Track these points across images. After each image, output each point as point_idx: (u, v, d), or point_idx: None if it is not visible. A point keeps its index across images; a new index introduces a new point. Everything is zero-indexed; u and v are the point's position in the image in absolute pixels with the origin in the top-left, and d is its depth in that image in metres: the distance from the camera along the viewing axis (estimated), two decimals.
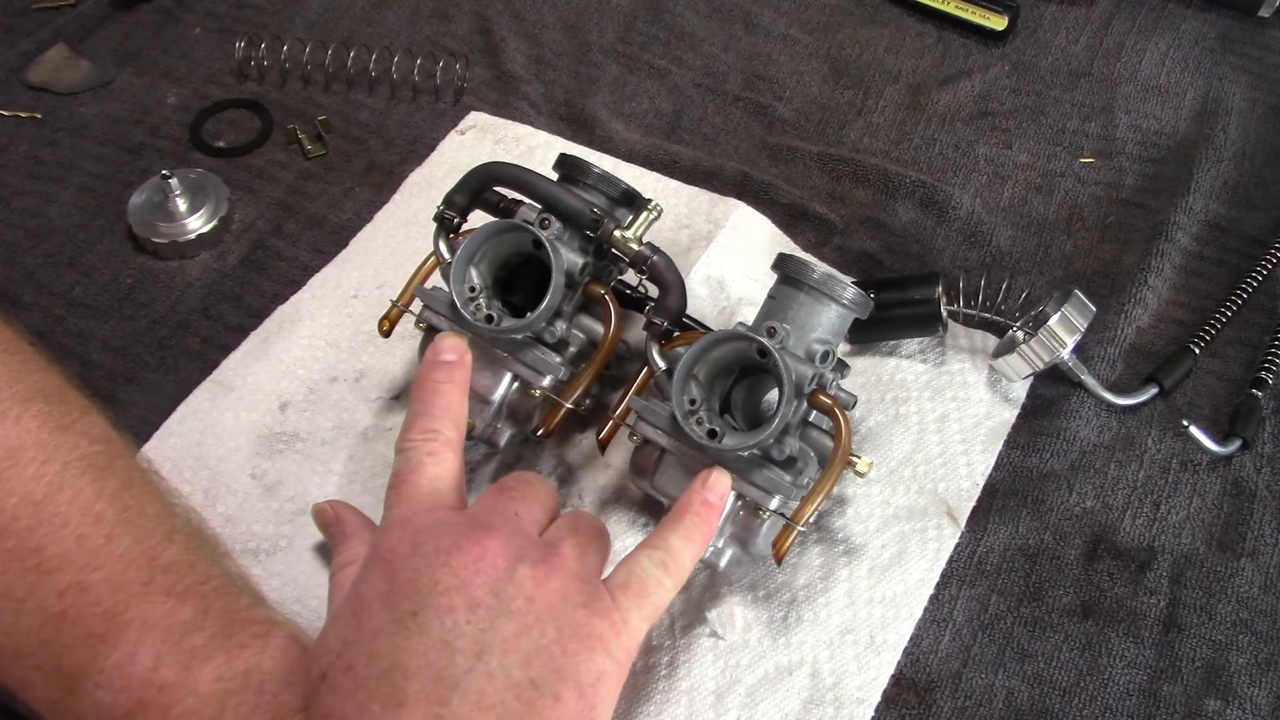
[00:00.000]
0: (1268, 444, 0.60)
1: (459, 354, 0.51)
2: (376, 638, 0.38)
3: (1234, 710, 0.51)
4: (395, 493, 0.46)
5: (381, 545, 0.42)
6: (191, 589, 0.42)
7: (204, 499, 0.58)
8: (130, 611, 0.40)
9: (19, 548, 0.41)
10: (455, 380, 0.50)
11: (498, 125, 0.76)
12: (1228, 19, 0.83)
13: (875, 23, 0.85)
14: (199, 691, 0.39)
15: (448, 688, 0.37)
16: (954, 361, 0.63)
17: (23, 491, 0.41)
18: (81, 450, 0.44)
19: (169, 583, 0.42)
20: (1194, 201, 0.70)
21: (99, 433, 0.46)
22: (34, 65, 0.80)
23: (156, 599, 0.41)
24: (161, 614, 0.40)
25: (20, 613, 0.40)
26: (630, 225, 0.56)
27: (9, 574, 0.40)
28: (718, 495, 0.49)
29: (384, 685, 0.37)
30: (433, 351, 0.51)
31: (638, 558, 0.46)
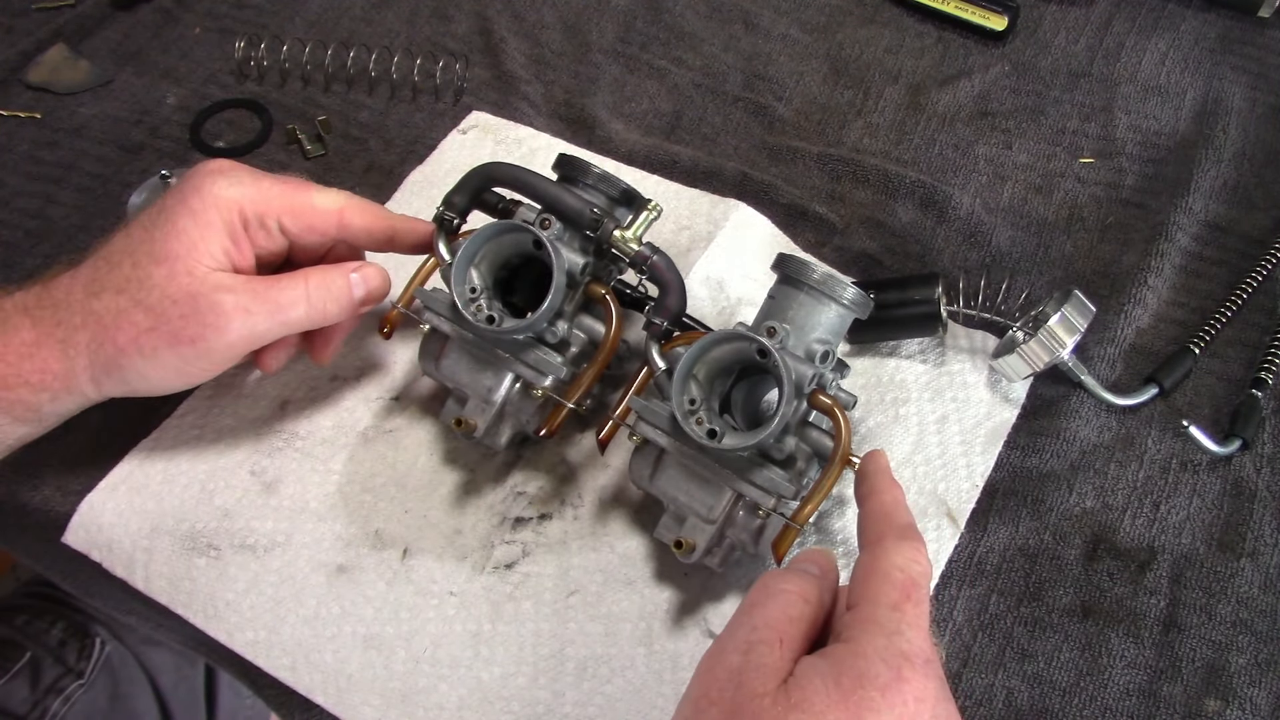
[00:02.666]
0: (1268, 444, 0.60)
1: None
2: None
3: (1234, 710, 0.51)
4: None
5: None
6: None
7: (201, 492, 0.58)
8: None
9: None
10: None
11: (499, 126, 0.76)
12: (1228, 19, 0.83)
13: (875, 23, 0.84)
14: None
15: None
16: (954, 362, 0.63)
17: None
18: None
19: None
20: (1194, 201, 0.70)
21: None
22: (34, 65, 0.80)
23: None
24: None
25: None
26: (630, 225, 0.56)
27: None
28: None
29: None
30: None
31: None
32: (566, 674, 0.53)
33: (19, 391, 0.51)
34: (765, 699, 0.38)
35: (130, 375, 0.52)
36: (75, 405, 0.54)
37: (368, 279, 0.56)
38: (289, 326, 0.54)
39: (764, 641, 0.40)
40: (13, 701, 0.78)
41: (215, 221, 0.52)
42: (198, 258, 0.51)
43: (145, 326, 0.51)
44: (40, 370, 0.51)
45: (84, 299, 0.51)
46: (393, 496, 0.58)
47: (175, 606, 0.55)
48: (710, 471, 0.51)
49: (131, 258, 0.52)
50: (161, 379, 0.53)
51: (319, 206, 0.55)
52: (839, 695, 0.37)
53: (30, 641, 0.82)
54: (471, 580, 0.56)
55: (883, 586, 0.41)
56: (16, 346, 0.51)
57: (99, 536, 0.57)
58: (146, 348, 0.51)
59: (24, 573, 1.36)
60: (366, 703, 0.52)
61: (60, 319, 0.51)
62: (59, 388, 0.52)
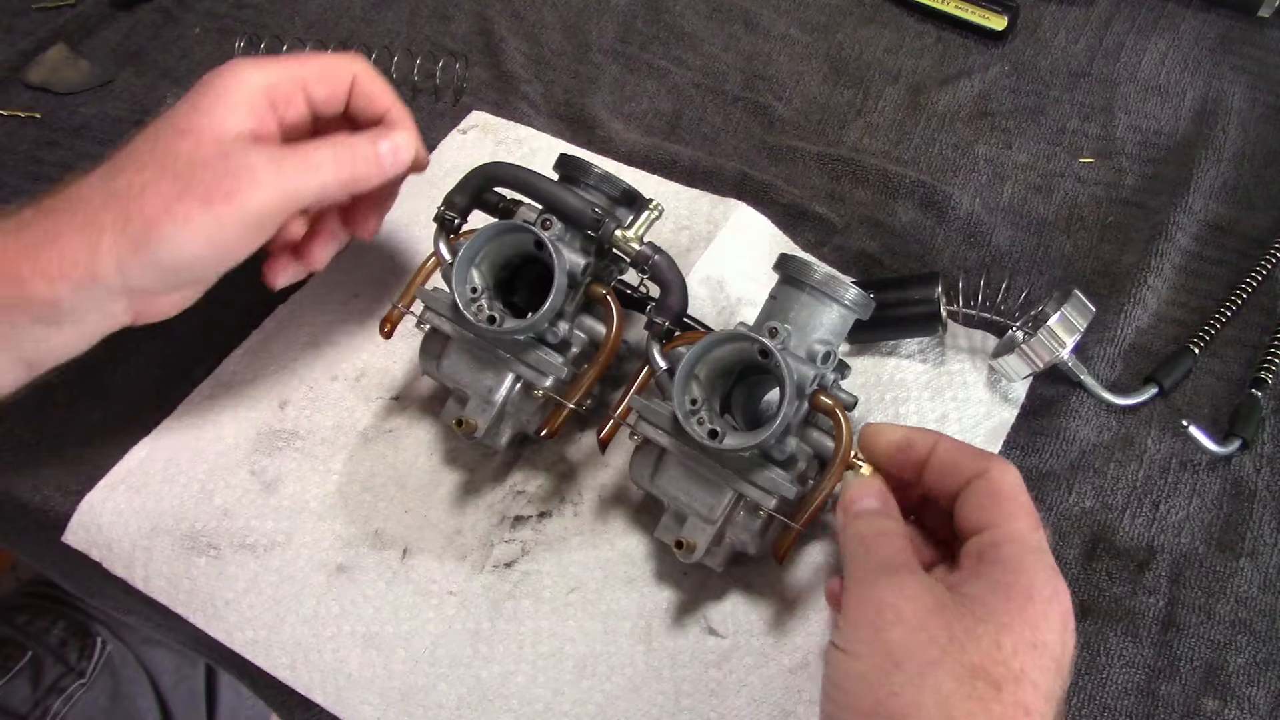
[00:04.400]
0: (1267, 444, 0.60)
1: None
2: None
3: (1232, 710, 0.51)
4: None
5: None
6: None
7: (200, 491, 0.58)
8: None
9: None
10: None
11: (499, 126, 0.76)
12: (1228, 19, 0.83)
13: (875, 23, 0.85)
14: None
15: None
16: (954, 361, 0.63)
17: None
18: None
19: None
20: (1194, 201, 0.70)
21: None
22: (34, 65, 0.80)
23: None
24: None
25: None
26: (631, 225, 0.56)
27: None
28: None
29: None
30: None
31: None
32: (565, 672, 0.53)
33: (35, 285, 0.48)
34: (948, 612, 0.41)
35: (161, 249, 0.49)
36: (96, 306, 0.50)
37: (395, 139, 0.56)
38: (321, 189, 0.53)
39: (904, 566, 0.43)
40: (14, 701, 0.78)
41: (241, 99, 0.52)
42: (224, 128, 0.51)
43: (174, 193, 0.49)
44: (59, 258, 0.48)
45: (102, 183, 0.50)
46: (392, 496, 0.58)
47: (175, 606, 0.55)
48: (711, 472, 0.51)
49: (151, 139, 0.51)
50: (195, 250, 0.50)
51: (338, 67, 0.56)
52: (1016, 608, 0.41)
53: (31, 641, 0.82)
54: (471, 579, 0.56)
55: (1016, 510, 0.44)
56: (31, 238, 0.49)
57: (98, 536, 0.57)
58: (179, 214, 0.49)
59: (24, 572, 1.36)
60: (366, 702, 0.52)
61: (77, 208, 0.50)
62: (79, 275, 0.49)
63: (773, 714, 0.51)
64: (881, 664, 0.40)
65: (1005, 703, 0.38)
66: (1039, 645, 0.40)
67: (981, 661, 0.39)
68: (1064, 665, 0.41)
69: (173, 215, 0.49)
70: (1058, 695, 0.40)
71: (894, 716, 0.39)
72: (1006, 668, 0.39)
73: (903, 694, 0.39)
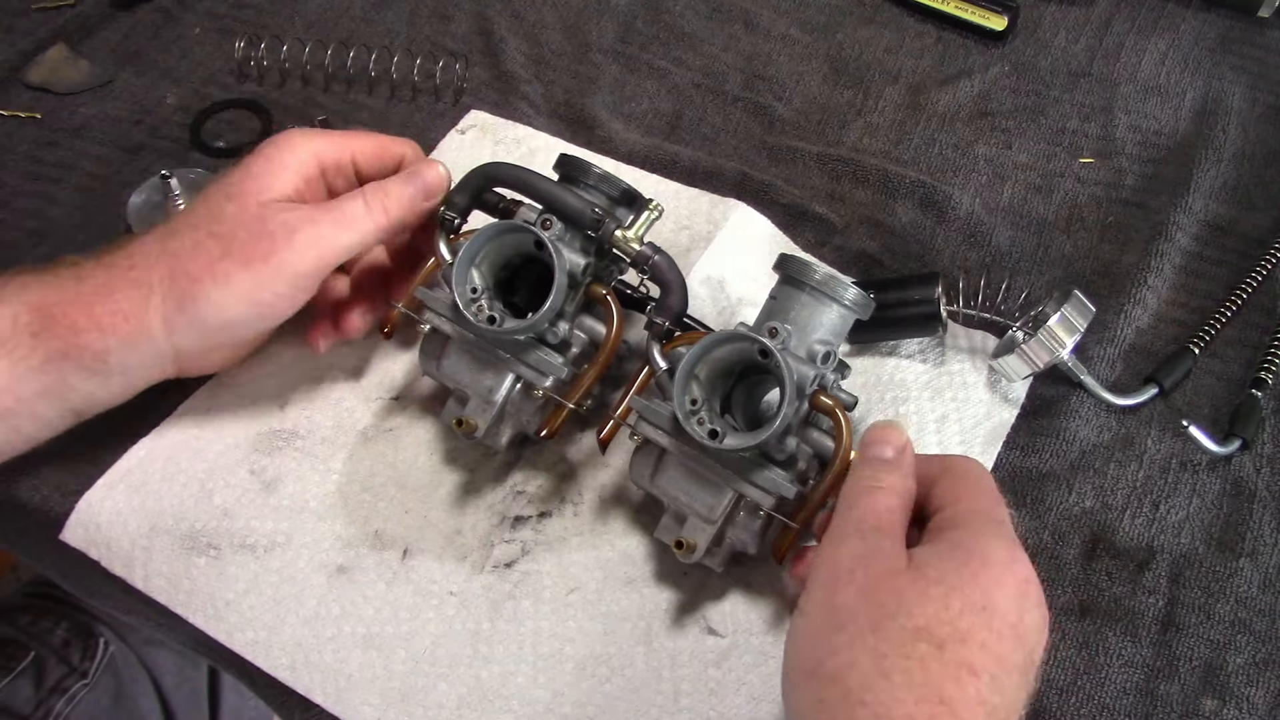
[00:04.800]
0: (1267, 444, 0.60)
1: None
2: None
3: (1231, 710, 0.52)
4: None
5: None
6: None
7: (200, 490, 0.58)
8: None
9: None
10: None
11: (498, 125, 0.76)
12: (1228, 19, 0.83)
13: (875, 23, 0.85)
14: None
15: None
16: (954, 362, 0.63)
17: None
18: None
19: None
20: (1194, 201, 0.70)
21: None
22: (34, 65, 0.80)
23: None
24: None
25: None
26: (631, 225, 0.56)
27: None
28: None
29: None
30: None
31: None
32: (565, 672, 0.53)
33: (89, 336, 0.51)
34: (899, 576, 0.42)
35: (204, 308, 0.52)
36: (142, 361, 0.53)
37: (424, 174, 0.57)
38: (359, 236, 0.54)
39: (878, 529, 0.44)
40: (17, 701, 0.78)
41: (290, 165, 0.54)
42: (269, 194, 0.53)
43: (218, 254, 0.52)
44: (112, 312, 0.51)
45: (159, 242, 0.53)
46: (393, 496, 0.58)
47: (174, 606, 0.55)
48: (711, 472, 0.51)
49: (205, 201, 0.54)
50: (236, 309, 0.52)
51: (389, 146, 0.59)
52: (969, 573, 0.41)
53: (34, 641, 0.82)
54: (471, 580, 0.56)
55: (979, 487, 0.46)
56: (89, 291, 0.52)
57: (97, 535, 0.57)
58: (220, 274, 0.51)
59: (25, 573, 1.36)
60: (366, 702, 0.52)
61: (135, 262, 0.53)
62: (129, 330, 0.52)
63: (772, 712, 0.51)
64: (827, 624, 0.41)
65: (946, 661, 0.39)
66: (989, 607, 0.40)
67: (927, 623, 0.40)
68: (1021, 634, 0.41)
69: (214, 275, 0.52)
70: (1016, 663, 0.40)
71: (831, 676, 0.40)
72: (952, 627, 0.40)
73: (840, 654, 0.40)
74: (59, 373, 0.51)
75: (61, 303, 0.51)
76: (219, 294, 0.52)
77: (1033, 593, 0.42)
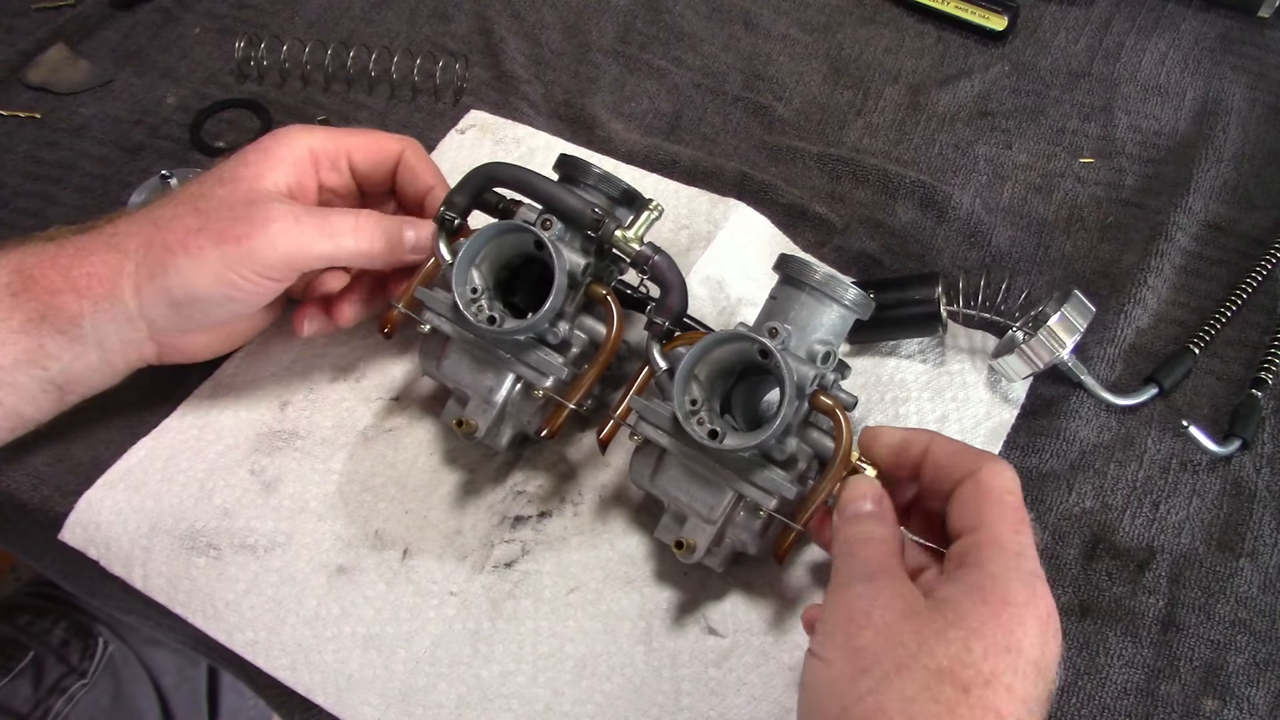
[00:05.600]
0: (1267, 444, 0.60)
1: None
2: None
3: (1231, 710, 0.52)
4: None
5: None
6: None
7: (200, 490, 0.58)
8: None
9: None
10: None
11: (498, 125, 0.76)
12: (1228, 19, 0.83)
13: (875, 23, 0.85)
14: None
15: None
16: (954, 362, 0.63)
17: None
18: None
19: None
20: (1194, 201, 0.70)
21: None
22: (34, 65, 0.80)
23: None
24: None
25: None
26: (631, 225, 0.56)
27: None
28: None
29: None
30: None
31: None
32: (566, 672, 0.53)
33: (64, 298, 0.52)
34: (918, 617, 0.41)
35: (173, 278, 0.52)
36: (118, 329, 0.54)
37: (420, 230, 0.58)
38: (336, 251, 0.55)
39: (885, 572, 0.44)
40: (16, 701, 0.78)
41: (285, 158, 0.55)
42: (261, 181, 0.54)
43: (194, 227, 0.52)
44: (87, 274, 0.52)
45: (146, 213, 0.54)
46: (393, 496, 0.58)
47: (174, 606, 0.55)
48: (711, 472, 0.51)
49: (197, 182, 0.55)
50: (202, 285, 0.52)
51: (384, 142, 0.60)
52: (989, 613, 0.40)
53: (33, 641, 0.82)
54: (471, 580, 0.56)
55: (999, 511, 0.44)
56: (68, 253, 0.53)
57: (96, 534, 0.57)
58: (193, 247, 0.52)
59: (25, 572, 1.36)
60: (366, 702, 0.52)
61: (118, 229, 0.54)
62: (101, 293, 0.52)
63: (772, 712, 0.51)
64: (849, 669, 0.40)
65: (973, 705, 0.38)
66: (1013, 649, 0.40)
67: (950, 665, 0.39)
68: (1044, 669, 0.40)
69: (186, 247, 0.52)
70: (1037, 698, 0.40)
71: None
72: (976, 670, 0.39)
73: (868, 699, 0.39)
74: (37, 335, 0.52)
75: (41, 264, 0.52)
76: (189, 266, 0.52)
77: (1053, 625, 0.42)
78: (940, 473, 0.48)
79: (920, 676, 0.39)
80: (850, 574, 0.45)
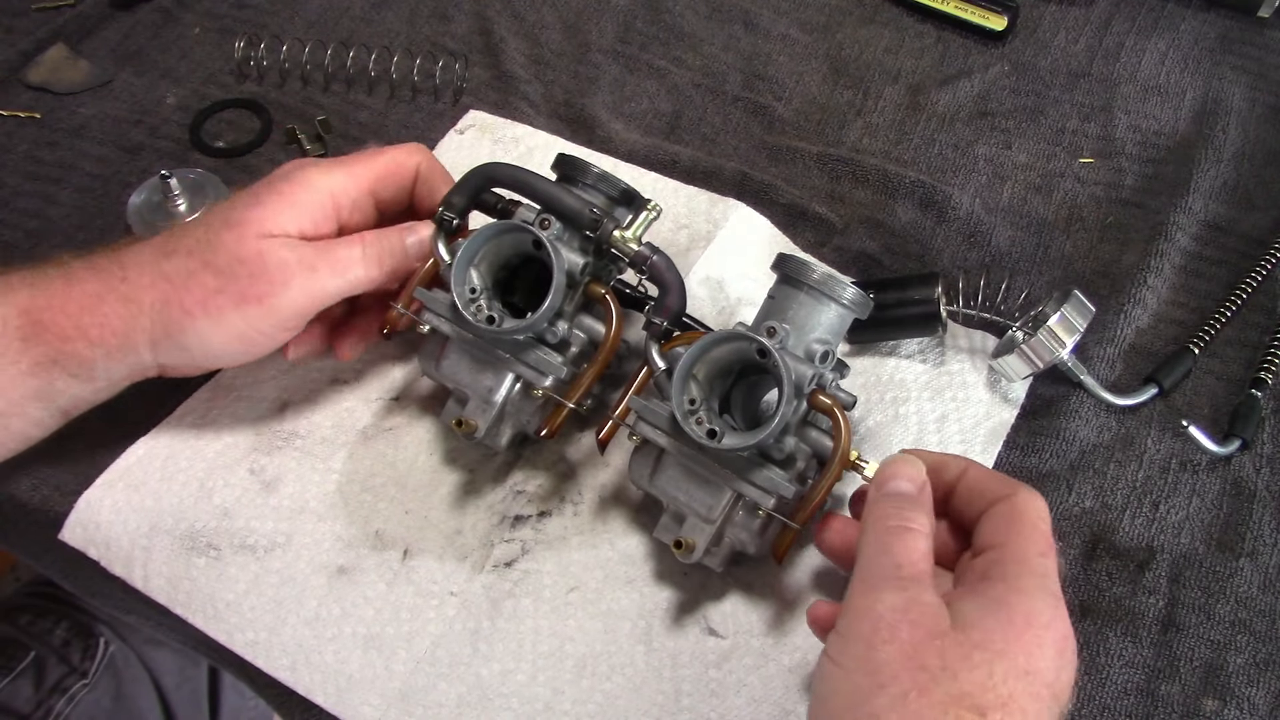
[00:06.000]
0: (1267, 444, 0.60)
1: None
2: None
3: (1232, 710, 0.51)
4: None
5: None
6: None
7: (200, 490, 0.58)
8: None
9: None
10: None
11: (497, 125, 0.76)
12: (1228, 19, 0.83)
13: (875, 23, 0.85)
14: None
15: None
16: (953, 362, 0.63)
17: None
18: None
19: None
20: (1193, 201, 0.70)
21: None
22: (34, 65, 0.80)
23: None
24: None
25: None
26: (629, 225, 0.56)
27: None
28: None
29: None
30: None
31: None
32: (566, 671, 0.53)
33: (76, 345, 0.52)
34: (945, 639, 0.40)
35: (191, 339, 0.52)
36: (128, 370, 0.54)
37: (420, 233, 0.57)
38: (350, 284, 0.55)
39: (915, 580, 0.43)
40: (17, 701, 0.78)
41: (301, 203, 0.54)
42: (270, 227, 0.53)
43: (214, 288, 0.52)
44: (100, 325, 0.52)
45: (154, 260, 0.53)
46: (393, 497, 0.58)
47: (174, 606, 0.55)
48: (710, 471, 0.51)
49: (205, 224, 0.53)
50: (223, 344, 0.53)
51: (401, 163, 0.58)
52: (1013, 634, 0.40)
53: (34, 641, 0.82)
54: (471, 579, 0.56)
55: (1029, 534, 0.44)
56: (78, 298, 0.52)
57: (96, 534, 0.57)
58: (213, 309, 0.52)
59: (25, 572, 1.36)
60: (366, 702, 0.52)
61: (128, 276, 0.52)
62: (115, 345, 0.52)
63: (773, 714, 0.51)
64: (867, 682, 0.40)
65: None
66: (1031, 672, 0.40)
67: (971, 689, 0.39)
68: (1059, 692, 0.40)
69: (206, 309, 0.52)
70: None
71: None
72: (995, 694, 0.39)
73: (882, 717, 0.39)
74: (47, 376, 0.52)
75: (50, 308, 0.51)
76: (208, 328, 0.52)
77: (1069, 649, 0.41)
78: (974, 496, 0.47)
79: (940, 700, 0.38)
80: (880, 574, 0.43)
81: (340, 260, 0.54)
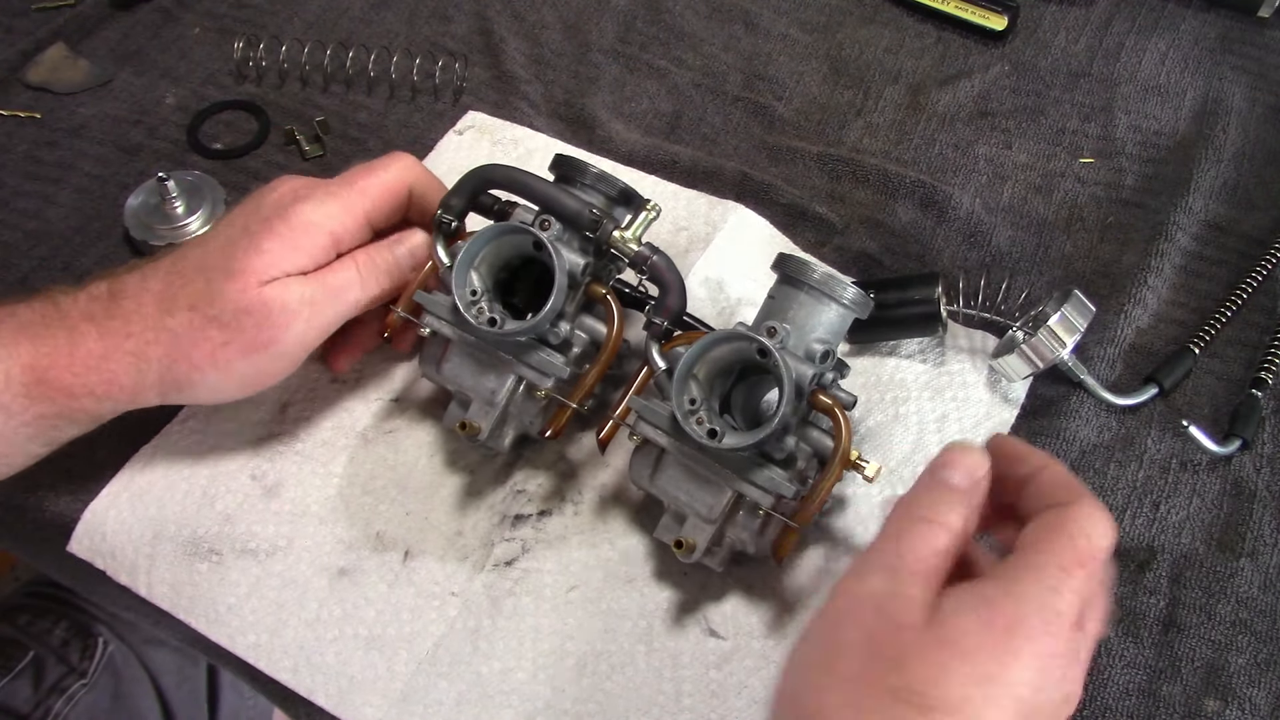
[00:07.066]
0: (1267, 444, 0.60)
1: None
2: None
3: (1233, 710, 0.52)
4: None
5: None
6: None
7: (202, 497, 0.58)
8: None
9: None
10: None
11: (496, 126, 0.76)
12: (1228, 19, 0.83)
13: (875, 23, 0.84)
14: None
15: None
16: (954, 361, 0.63)
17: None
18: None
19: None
20: (1194, 201, 0.70)
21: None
22: (33, 65, 0.80)
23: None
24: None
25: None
26: (629, 225, 0.56)
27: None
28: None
29: None
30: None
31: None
32: (566, 669, 0.53)
33: (83, 401, 0.52)
34: (910, 631, 0.38)
35: (200, 390, 0.53)
36: (132, 407, 0.54)
37: (409, 242, 0.57)
38: (350, 308, 0.55)
39: (911, 572, 0.40)
40: (16, 701, 0.78)
41: (303, 246, 0.53)
42: (272, 272, 0.52)
43: (220, 341, 0.52)
44: (107, 382, 0.52)
45: (157, 315, 0.52)
46: (393, 498, 0.58)
47: (177, 612, 0.55)
48: (710, 471, 0.51)
49: (205, 274, 0.52)
50: (232, 390, 0.54)
51: (393, 186, 0.57)
52: (989, 639, 0.37)
53: (33, 641, 0.82)
54: (472, 579, 0.56)
55: (1062, 544, 0.40)
56: (83, 357, 0.51)
57: (103, 545, 0.57)
58: (221, 361, 0.52)
59: (24, 573, 1.36)
60: (368, 703, 0.52)
61: (131, 332, 0.52)
62: (124, 399, 0.52)
63: None
64: (820, 657, 0.39)
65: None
66: (995, 679, 0.37)
67: (921, 687, 0.37)
68: (1033, 710, 0.37)
69: (215, 362, 0.52)
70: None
71: (807, 713, 0.38)
72: (946, 695, 0.36)
73: (822, 696, 0.38)
74: (52, 429, 0.52)
75: (55, 367, 0.51)
76: (217, 378, 0.53)
77: (1057, 671, 0.38)
78: (1039, 497, 0.43)
79: (883, 690, 0.37)
80: (879, 559, 0.41)
81: (337, 287, 0.54)
